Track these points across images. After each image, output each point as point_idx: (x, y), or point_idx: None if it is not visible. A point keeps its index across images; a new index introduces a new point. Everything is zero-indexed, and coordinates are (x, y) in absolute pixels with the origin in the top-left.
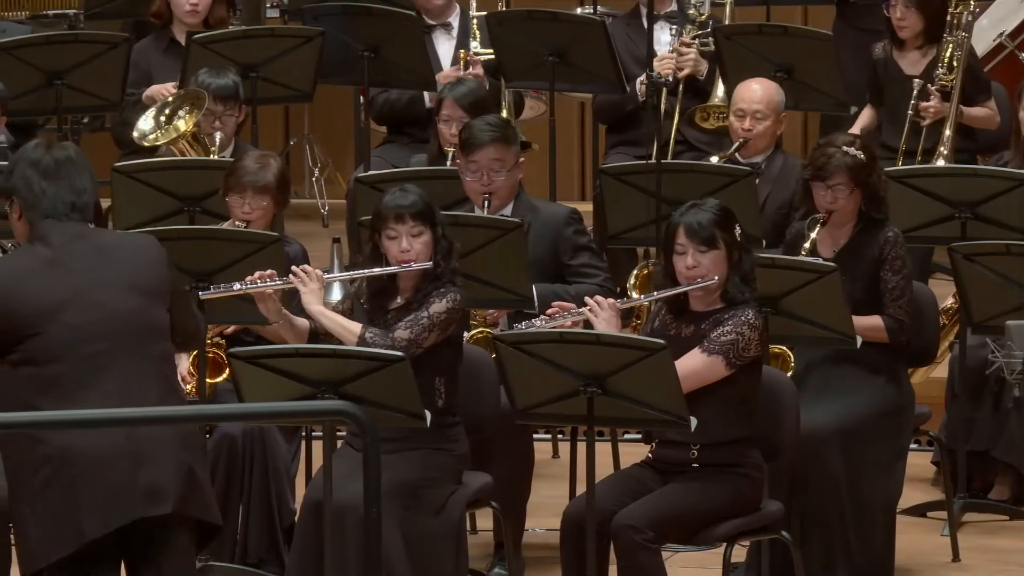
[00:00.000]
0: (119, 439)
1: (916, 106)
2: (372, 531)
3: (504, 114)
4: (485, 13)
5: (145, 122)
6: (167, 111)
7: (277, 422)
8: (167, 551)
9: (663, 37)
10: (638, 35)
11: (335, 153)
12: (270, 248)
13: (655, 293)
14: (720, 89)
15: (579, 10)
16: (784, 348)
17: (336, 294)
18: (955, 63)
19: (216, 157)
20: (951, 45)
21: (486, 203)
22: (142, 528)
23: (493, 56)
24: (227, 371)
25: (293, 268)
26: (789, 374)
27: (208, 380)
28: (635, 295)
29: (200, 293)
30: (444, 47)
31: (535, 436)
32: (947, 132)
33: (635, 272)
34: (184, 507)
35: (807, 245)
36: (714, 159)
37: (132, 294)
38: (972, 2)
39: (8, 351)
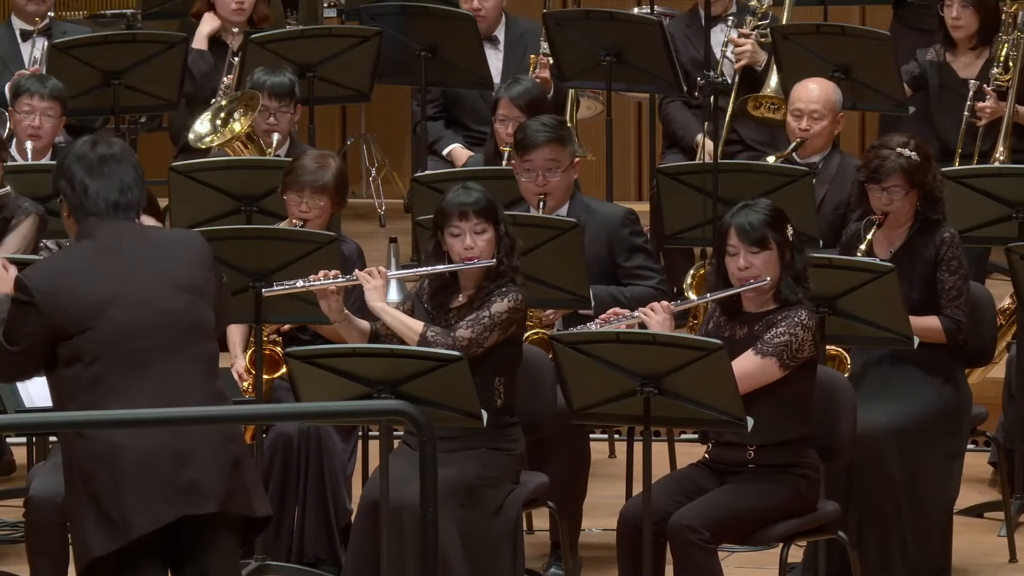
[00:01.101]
0: (164, 437)
1: (972, 107)
2: (429, 531)
3: (568, 114)
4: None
5: (202, 125)
6: (223, 114)
7: (334, 422)
8: (212, 550)
9: (723, 38)
10: (697, 36)
11: (392, 153)
12: (327, 248)
13: (708, 295)
14: (774, 80)
15: (636, 10)
16: (840, 349)
17: (395, 295)
18: (1011, 63)
19: (272, 156)
20: (1006, 45)
21: (541, 204)
22: (188, 526)
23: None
24: (283, 367)
25: (356, 271)
26: (846, 375)
27: (264, 376)
28: (691, 295)
29: (263, 291)
30: (492, 61)
31: (592, 436)
32: (1003, 132)
33: (691, 272)
34: (228, 506)
35: (863, 247)
36: (771, 159)
37: (178, 293)
38: None
39: (56, 348)
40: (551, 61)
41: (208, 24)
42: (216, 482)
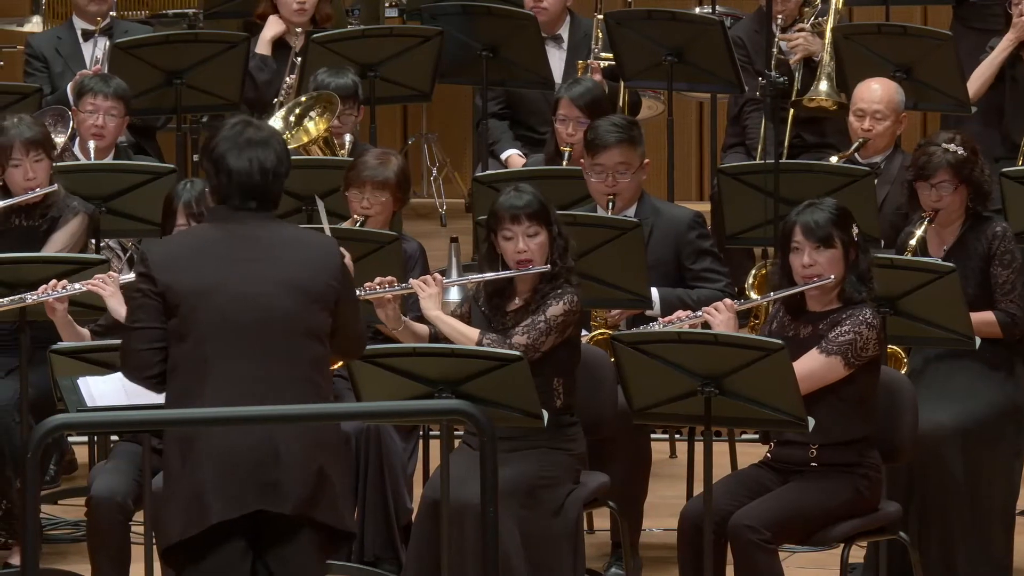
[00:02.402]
0: (256, 430)
1: None
2: (489, 531)
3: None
4: (603, 15)
5: (274, 122)
6: (297, 111)
7: (395, 421)
8: (289, 550)
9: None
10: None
11: (453, 153)
12: (389, 248)
13: (771, 293)
14: (823, 84)
15: (698, 10)
16: (897, 348)
17: (454, 296)
18: None
19: (343, 157)
20: None
21: (610, 204)
22: (270, 522)
23: (613, 61)
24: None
25: (411, 280)
26: (903, 372)
27: None
28: (753, 295)
29: None
30: (555, 60)
31: (652, 436)
32: None
33: (753, 272)
34: (309, 509)
35: (912, 242)
36: (833, 159)
37: (294, 294)
38: None
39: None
40: (602, 65)
41: (272, 29)
42: (297, 484)
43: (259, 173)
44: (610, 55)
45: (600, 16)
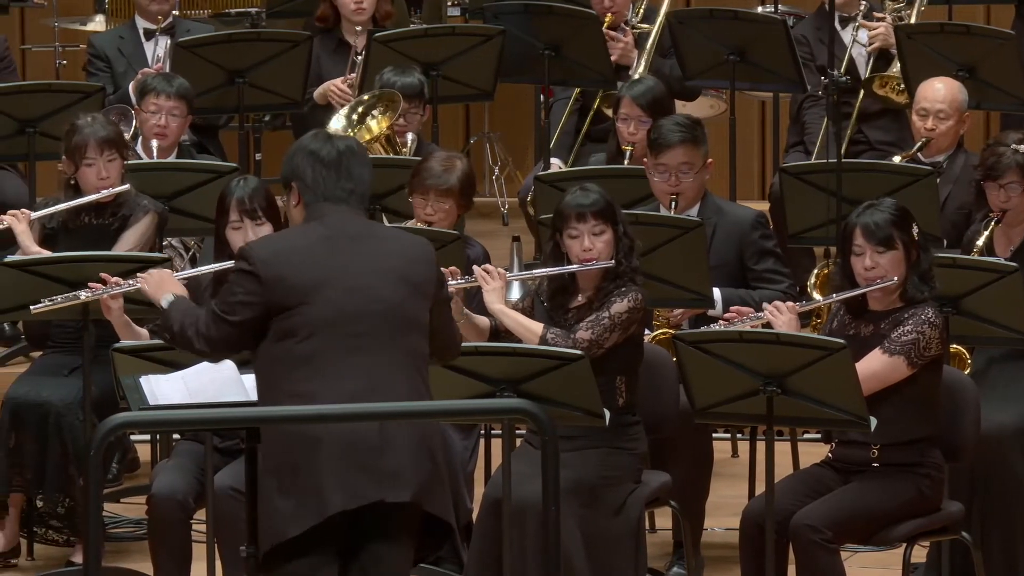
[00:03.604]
0: (370, 423)
1: None
2: (551, 530)
3: (643, 70)
4: (665, 13)
5: (337, 121)
6: (360, 109)
7: (457, 420)
8: (391, 540)
9: (851, 38)
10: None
11: (515, 152)
12: (451, 247)
13: (834, 295)
14: (897, 65)
15: (760, 9)
16: (960, 347)
17: (516, 292)
18: None
19: (405, 156)
20: None
21: (673, 204)
22: (376, 513)
23: (647, 28)
24: None
25: (475, 268)
26: (967, 372)
27: None
28: (815, 294)
29: None
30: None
31: (714, 435)
32: None
33: (815, 271)
34: (422, 499)
35: (979, 242)
36: (896, 158)
37: (399, 285)
38: None
39: (270, 322)
40: (635, 32)
41: (321, 90)
42: (414, 473)
43: (350, 178)
44: (645, 26)
45: None
